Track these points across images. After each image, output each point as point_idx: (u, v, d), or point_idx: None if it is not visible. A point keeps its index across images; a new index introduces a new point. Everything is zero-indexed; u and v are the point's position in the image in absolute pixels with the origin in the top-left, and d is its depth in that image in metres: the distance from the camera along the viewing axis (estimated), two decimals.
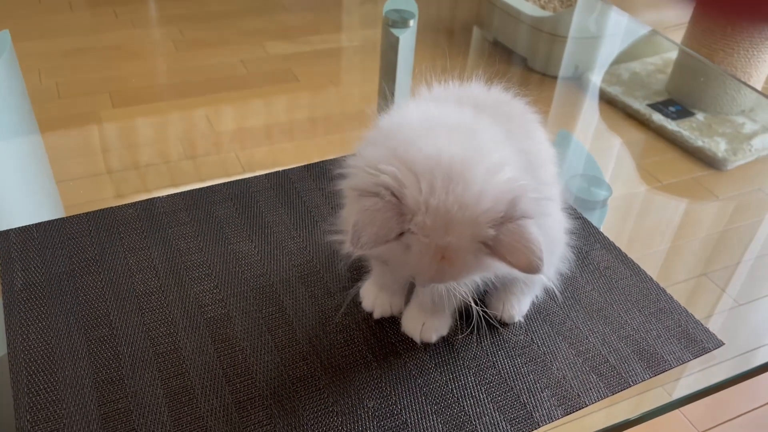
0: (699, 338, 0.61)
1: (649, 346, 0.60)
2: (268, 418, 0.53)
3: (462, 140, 0.46)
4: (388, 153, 0.46)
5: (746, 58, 1.51)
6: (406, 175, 0.44)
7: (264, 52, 1.75)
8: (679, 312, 0.64)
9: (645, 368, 0.58)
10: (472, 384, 0.57)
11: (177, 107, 1.58)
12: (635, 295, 0.65)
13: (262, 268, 0.65)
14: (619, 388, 0.57)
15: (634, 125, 1.56)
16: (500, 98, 0.56)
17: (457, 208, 0.44)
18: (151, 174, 1.28)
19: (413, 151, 0.45)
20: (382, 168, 0.45)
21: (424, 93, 0.55)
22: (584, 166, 0.94)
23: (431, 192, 0.44)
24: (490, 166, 0.45)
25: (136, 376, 0.55)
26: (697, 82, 1.58)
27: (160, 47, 1.77)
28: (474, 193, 0.44)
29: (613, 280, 0.67)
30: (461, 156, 0.45)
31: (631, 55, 1.75)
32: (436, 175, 0.44)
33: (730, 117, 1.54)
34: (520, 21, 1.76)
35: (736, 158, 1.43)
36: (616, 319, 0.63)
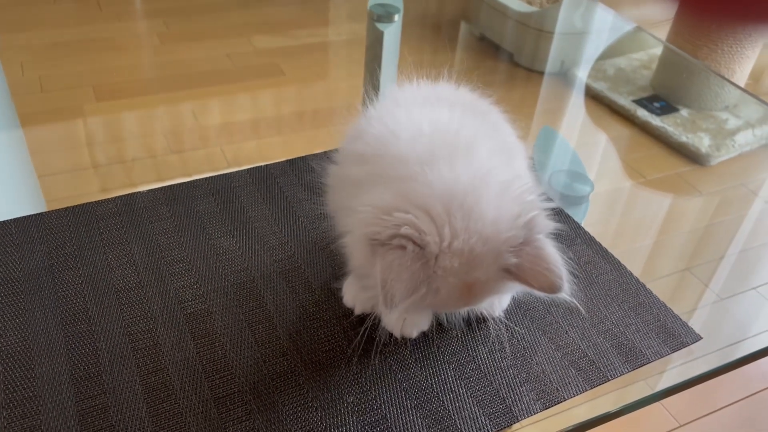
0: (677, 332, 0.62)
1: (627, 341, 0.61)
2: (247, 414, 0.53)
3: (462, 162, 0.46)
4: (397, 195, 0.45)
5: (730, 54, 1.52)
6: (424, 221, 0.44)
7: (250, 45, 1.74)
8: (658, 306, 0.64)
9: (623, 362, 0.59)
10: (452, 379, 0.57)
11: (162, 101, 1.57)
12: (615, 290, 0.66)
13: (243, 263, 0.65)
14: (597, 382, 0.57)
15: (620, 121, 1.57)
16: (467, 97, 0.56)
17: (481, 245, 0.44)
18: (136, 168, 1.28)
19: (422, 189, 0.45)
20: (399, 217, 0.44)
21: (394, 92, 0.55)
22: (567, 161, 0.94)
23: (454, 235, 0.44)
24: (498, 188, 0.46)
25: (114, 372, 0.55)
26: (681, 78, 1.59)
27: (144, 40, 1.76)
28: (491, 223, 0.44)
29: (594, 275, 0.67)
30: (470, 185, 0.45)
31: (616, 50, 1.76)
32: (453, 213, 0.44)
33: (714, 113, 1.55)
34: (507, 16, 1.77)
35: (720, 154, 1.44)
36: (595, 313, 0.63)
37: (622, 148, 1.47)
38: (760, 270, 1.06)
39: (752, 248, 1.10)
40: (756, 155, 1.46)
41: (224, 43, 1.74)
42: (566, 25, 1.72)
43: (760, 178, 1.35)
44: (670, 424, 1.08)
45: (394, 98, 0.55)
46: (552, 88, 1.70)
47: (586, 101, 1.57)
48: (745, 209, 1.28)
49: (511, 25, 1.79)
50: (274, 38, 1.77)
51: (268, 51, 1.72)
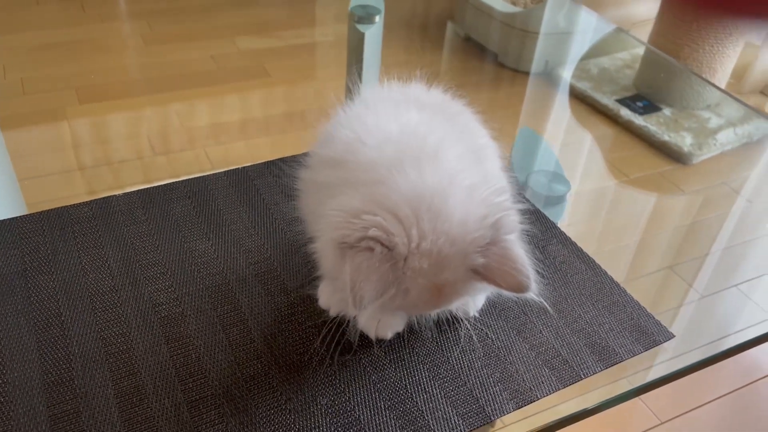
0: (650, 331, 0.62)
1: (601, 339, 0.61)
2: (219, 417, 0.53)
3: (430, 166, 0.47)
4: (365, 199, 0.45)
5: (711, 54, 1.53)
6: (392, 223, 0.44)
7: (234, 47, 1.74)
8: (632, 305, 0.65)
9: (596, 361, 0.59)
10: (426, 379, 0.57)
11: (145, 103, 1.56)
12: (589, 289, 0.66)
13: (218, 266, 0.65)
14: (570, 381, 0.58)
15: (603, 120, 1.58)
16: (438, 99, 0.57)
17: (449, 246, 0.44)
18: (122, 171, 1.27)
19: (390, 192, 0.45)
20: (367, 219, 0.44)
21: (365, 95, 0.55)
22: (545, 162, 0.94)
23: (422, 236, 0.44)
24: (464, 190, 0.46)
25: (86, 376, 0.55)
26: (665, 77, 1.60)
27: (128, 42, 1.75)
28: (459, 224, 0.44)
29: (569, 274, 0.68)
30: (437, 187, 0.45)
31: (600, 50, 1.77)
32: (421, 216, 0.44)
33: (696, 112, 1.57)
34: (492, 17, 1.77)
35: (702, 152, 1.45)
36: (569, 312, 0.64)
37: (606, 147, 1.48)
38: (741, 268, 1.06)
39: (734, 246, 1.11)
40: (737, 154, 1.47)
41: (209, 44, 1.74)
42: (550, 26, 1.73)
43: (741, 177, 1.36)
44: (651, 422, 1.09)
45: (363, 101, 0.55)
46: (537, 88, 1.70)
47: (571, 101, 1.58)
48: (727, 207, 1.29)
49: (496, 26, 1.79)
50: (259, 39, 1.77)
51: (253, 52, 1.72)
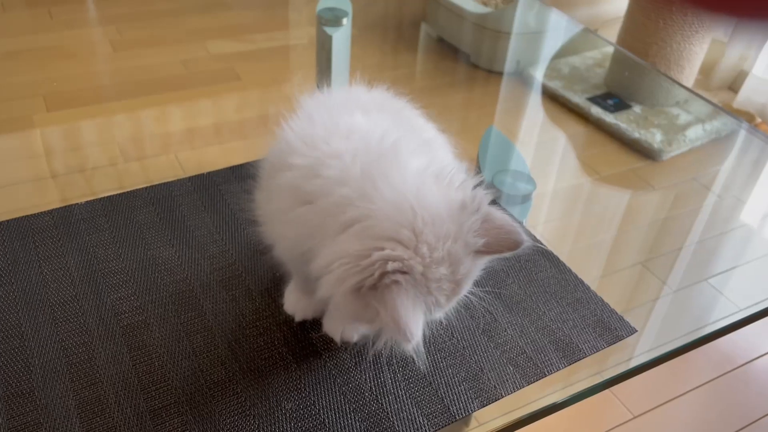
0: (613, 326, 0.63)
1: (565, 336, 0.62)
2: (183, 425, 0.52)
3: (396, 170, 0.46)
4: (361, 237, 0.44)
5: (678, 52, 1.56)
6: (400, 249, 0.43)
7: (205, 51, 1.73)
8: (595, 302, 0.66)
9: (560, 358, 0.60)
10: (391, 381, 0.57)
11: (116, 109, 1.54)
12: (554, 287, 0.67)
13: (182, 273, 0.64)
14: (534, 378, 0.58)
15: (575, 119, 1.59)
16: (382, 98, 0.57)
17: (453, 243, 0.45)
18: (97, 177, 1.26)
19: (379, 221, 0.44)
20: (377, 255, 0.43)
21: (306, 102, 0.55)
22: (510, 161, 0.95)
23: (430, 247, 0.44)
24: (433, 182, 0.46)
25: (47, 387, 0.54)
26: (633, 75, 1.62)
27: (97, 48, 1.73)
28: (450, 219, 0.45)
29: (534, 272, 0.68)
30: (416, 193, 0.45)
31: (571, 50, 1.79)
32: (419, 229, 0.44)
33: (666, 109, 1.59)
34: (463, 18, 1.78)
35: (671, 149, 1.47)
36: (534, 310, 0.64)
37: (578, 145, 1.49)
38: (712, 262, 1.08)
39: (704, 241, 1.13)
40: (706, 149, 1.49)
41: (179, 49, 1.72)
42: (521, 26, 1.74)
43: (710, 172, 1.38)
44: (624, 416, 1.10)
45: (308, 113, 0.54)
46: (510, 88, 1.72)
47: (543, 100, 1.59)
48: (697, 203, 1.30)
49: (468, 27, 1.80)
50: (230, 43, 1.76)
51: (224, 56, 1.71)
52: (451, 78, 1.76)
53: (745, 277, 1.00)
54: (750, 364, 1.27)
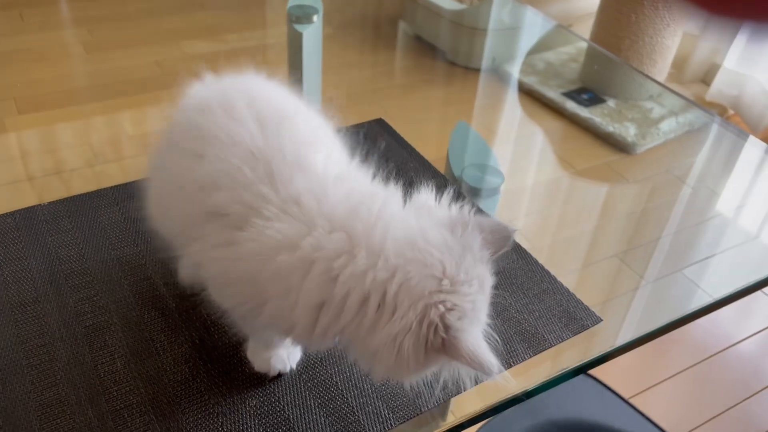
0: (579, 316, 0.64)
1: (531, 327, 0.62)
2: (145, 425, 0.52)
3: (398, 218, 0.45)
4: (404, 301, 0.42)
5: (651, 46, 1.57)
6: (447, 297, 0.42)
7: (180, 51, 1.71)
8: (561, 292, 0.66)
9: (526, 348, 0.60)
10: (357, 375, 0.57)
11: (89, 111, 1.53)
12: (521, 278, 0.67)
13: (146, 272, 0.64)
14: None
15: (551, 114, 1.60)
16: (273, 92, 0.54)
17: (474, 268, 0.45)
18: (74, 179, 1.24)
19: (416, 276, 0.42)
20: (433, 314, 0.42)
21: (195, 89, 0.55)
22: (479, 155, 0.95)
23: (466, 284, 0.43)
24: (425, 214, 0.47)
25: (6, 390, 0.53)
26: (606, 69, 1.63)
27: (69, 50, 1.71)
28: (459, 245, 0.45)
29: (500, 264, 0.68)
30: (424, 234, 0.44)
31: (545, 45, 1.80)
32: (451, 272, 0.43)
33: (639, 102, 1.60)
34: (440, 16, 1.79)
35: (645, 142, 1.48)
36: (500, 302, 0.64)
37: (554, 140, 1.50)
38: (685, 253, 1.09)
39: (678, 232, 1.14)
40: (680, 142, 1.50)
41: (153, 50, 1.71)
42: (497, 23, 1.75)
43: (684, 164, 1.39)
44: None
45: (187, 118, 0.53)
46: (488, 85, 1.72)
47: (520, 96, 1.60)
48: (670, 195, 1.32)
49: (444, 24, 1.81)
50: (205, 43, 1.75)
51: (199, 56, 1.69)
52: (428, 75, 1.76)
53: (719, 267, 1.01)
54: (724, 352, 1.28)
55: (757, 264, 0.99)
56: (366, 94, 1.51)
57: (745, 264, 1.01)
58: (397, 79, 1.74)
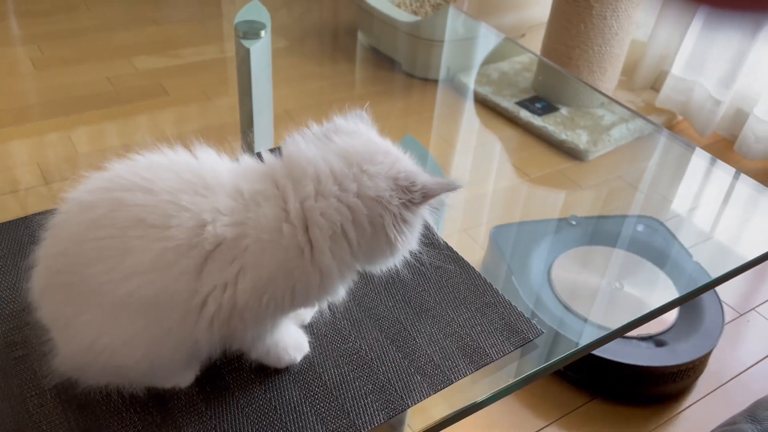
0: (520, 329, 0.64)
1: (473, 341, 0.62)
2: None
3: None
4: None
5: (600, 54, 1.60)
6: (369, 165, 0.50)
7: (132, 67, 1.69)
8: (503, 305, 0.66)
9: (468, 363, 0.60)
10: (297, 398, 0.56)
11: (40, 129, 1.50)
12: (463, 292, 0.67)
13: None
14: (441, 386, 0.58)
15: (506, 123, 1.62)
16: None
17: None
18: (30, 198, 1.21)
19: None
20: (388, 189, 0.49)
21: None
22: (425, 168, 0.95)
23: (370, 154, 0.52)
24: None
25: None
26: (556, 79, 1.66)
27: (17, 67, 1.68)
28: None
29: (444, 279, 0.69)
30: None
31: (499, 55, 1.82)
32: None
33: (591, 110, 1.63)
34: (395, 28, 1.80)
35: (597, 149, 1.51)
36: (443, 317, 0.65)
37: (509, 148, 1.52)
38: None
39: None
40: (630, 148, 1.53)
41: (104, 65, 1.69)
42: (451, 34, 1.76)
43: (635, 170, 1.42)
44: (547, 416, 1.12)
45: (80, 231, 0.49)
46: (445, 95, 1.74)
47: (476, 106, 1.62)
48: (621, 200, 1.34)
49: (399, 36, 1.82)
50: (157, 59, 1.72)
51: (152, 72, 1.67)
52: (386, 86, 1.76)
53: None
54: None
55: (708, 266, 1.01)
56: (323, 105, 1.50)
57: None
58: (356, 90, 1.74)
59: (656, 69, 1.92)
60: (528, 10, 1.90)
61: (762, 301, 1.44)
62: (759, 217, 1.06)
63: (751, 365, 1.29)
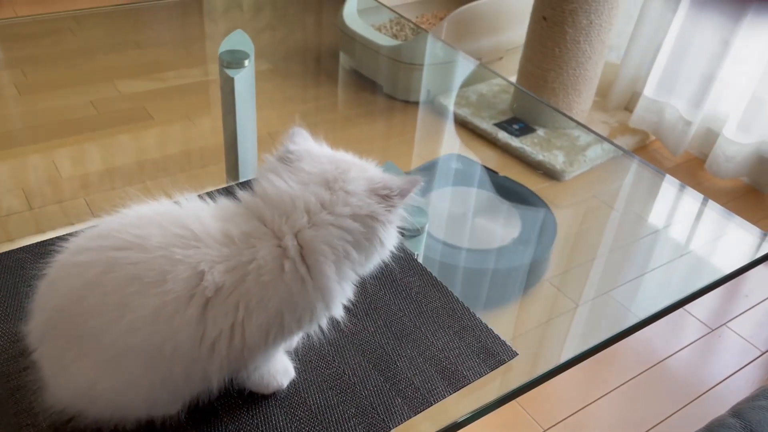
0: (496, 351, 0.67)
1: (451, 364, 0.65)
2: None
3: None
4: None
5: (575, 77, 1.65)
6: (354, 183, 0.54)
7: (115, 91, 1.71)
8: (480, 329, 0.69)
9: (446, 386, 0.63)
10: (283, 423, 0.59)
11: (24, 153, 1.51)
12: (442, 317, 0.70)
13: None
14: (421, 407, 0.61)
15: (484, 144, 1.66)
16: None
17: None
18: (11, 223, 1.22)
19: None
20: (365, 200, 0.53)
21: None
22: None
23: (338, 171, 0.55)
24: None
25: None
26: (533, 101, 1.70)
27: (1, 91, 1.69)
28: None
29: (423, 303, 0.72)
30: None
31: (478, 78, 1.87)
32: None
33: (567, 131, 1.68)
34: (377, 52, 1.84)
35: (573, 169, 1.55)
36: (423, 341, 0.67)
37: None
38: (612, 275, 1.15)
39: (606, 255, 1.20)
40: (605, 168, 1.58)
41: (88, 89, 1.70)
42: (431, 57, 1.81)
43: (609, 189, 1.47)
44: (534, 430, 1.15)
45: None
46: (425, 117, 1.77)
47: (456, 127, 1.66)
48: (597, 219, 1.38)
49: (381, 59, 1.86)
50: (141, 82, 1.75)
51: (136, 95, 1.69)
52: (369, 108, 1.80)
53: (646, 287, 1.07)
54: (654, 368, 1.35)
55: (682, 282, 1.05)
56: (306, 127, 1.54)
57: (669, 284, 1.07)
58: (338, 112, 1.77)
59: (629, 90, 1.98)
60: (505, 35, 1.96)
61: (733, 317, 1.49)
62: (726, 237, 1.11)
63: (724, 379, 1.33)
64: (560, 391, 1.26)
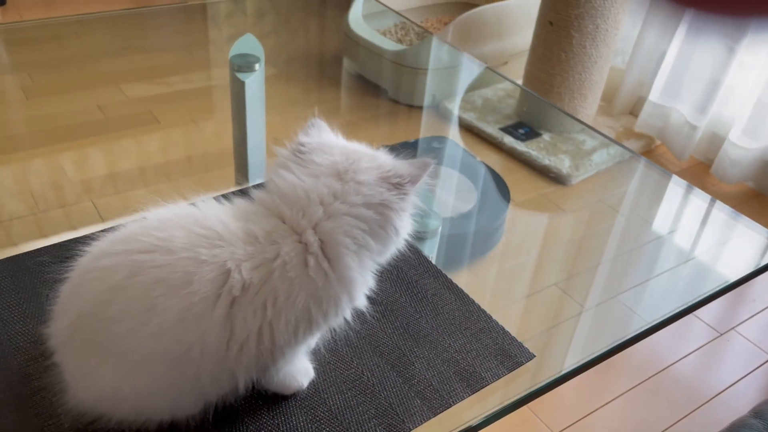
0: (513, 353, 0.67)
1: (469, 366, 0.65)
2: None
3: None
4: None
5: (580, 81, 1.66)
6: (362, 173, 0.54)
7: (122, 95, 1.71)
8: (497, 331, 0.70)
9: (465, 387, 0.63)
10: (303, 423, 0.59)
11: (31, 157, 1.51)
12: (458, 319, 0.71)
13: None
14: (440, 409, 0.61)
15: (490, 148, 1.67)
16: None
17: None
18: (14, 228, 1.22)
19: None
20: (377, 194, 0.53)
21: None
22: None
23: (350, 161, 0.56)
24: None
25: None
26: (540, 105, 1.71)
27: (8, 96, 1.69)
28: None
29: (439, 305, 0.72)
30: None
31: (483, 82, 1.87)
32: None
33: (572, 135, 1.68)
34: (381, 56, 1.84)
35: (579, 173, 1.56)
36: (440, 342, 0.68)
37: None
38: (620, 280, 1.15)
39: (612, 260, 1.20)
40: (611, 172, 1.59)
41: (94, 93, 1.71)
42: (436, 61, 1.81)
43: (616, 194, 1.47)
44: None
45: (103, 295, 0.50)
46: (431, 122, 1.78)
47: (461, 131, 1.66)
48: (603, 223, 1.38)
49: (385, 64, 1.86)
50: (147, 86, 1.75)
51: (142, 99, 1.70)
52: (372, 112, 1.81)
53: (652, 292, 1.07)
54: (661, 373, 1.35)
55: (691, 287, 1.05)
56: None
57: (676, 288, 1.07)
58: (342, 116, 1.78)
59: (634, 95, 1.99)
60: (510, 40, 1.96)
61: (741, 321, 1.50)
62: (734, 240, 1.11)
63: (731, 384, 1.34)
64: (568, 395, 1.26)
